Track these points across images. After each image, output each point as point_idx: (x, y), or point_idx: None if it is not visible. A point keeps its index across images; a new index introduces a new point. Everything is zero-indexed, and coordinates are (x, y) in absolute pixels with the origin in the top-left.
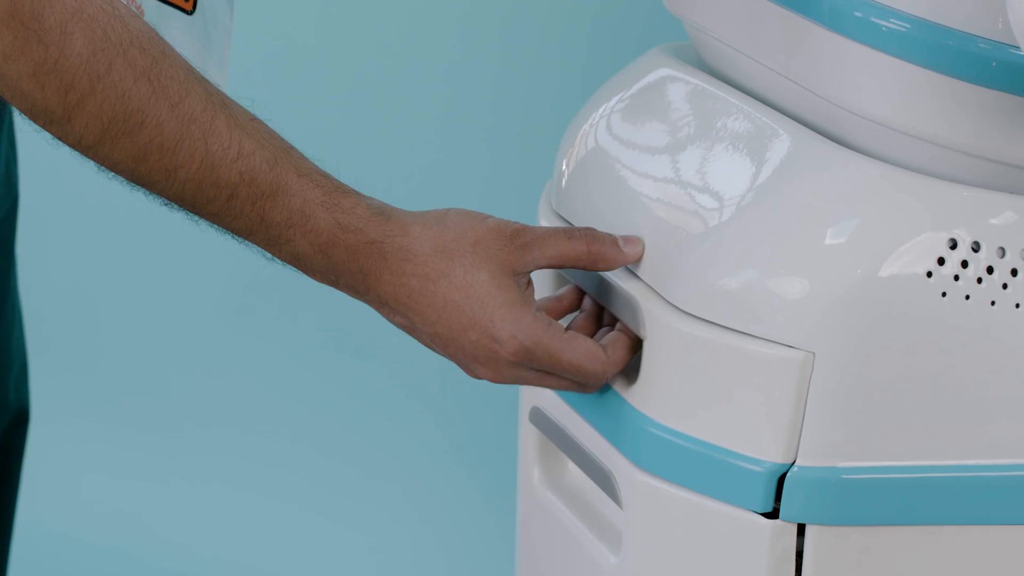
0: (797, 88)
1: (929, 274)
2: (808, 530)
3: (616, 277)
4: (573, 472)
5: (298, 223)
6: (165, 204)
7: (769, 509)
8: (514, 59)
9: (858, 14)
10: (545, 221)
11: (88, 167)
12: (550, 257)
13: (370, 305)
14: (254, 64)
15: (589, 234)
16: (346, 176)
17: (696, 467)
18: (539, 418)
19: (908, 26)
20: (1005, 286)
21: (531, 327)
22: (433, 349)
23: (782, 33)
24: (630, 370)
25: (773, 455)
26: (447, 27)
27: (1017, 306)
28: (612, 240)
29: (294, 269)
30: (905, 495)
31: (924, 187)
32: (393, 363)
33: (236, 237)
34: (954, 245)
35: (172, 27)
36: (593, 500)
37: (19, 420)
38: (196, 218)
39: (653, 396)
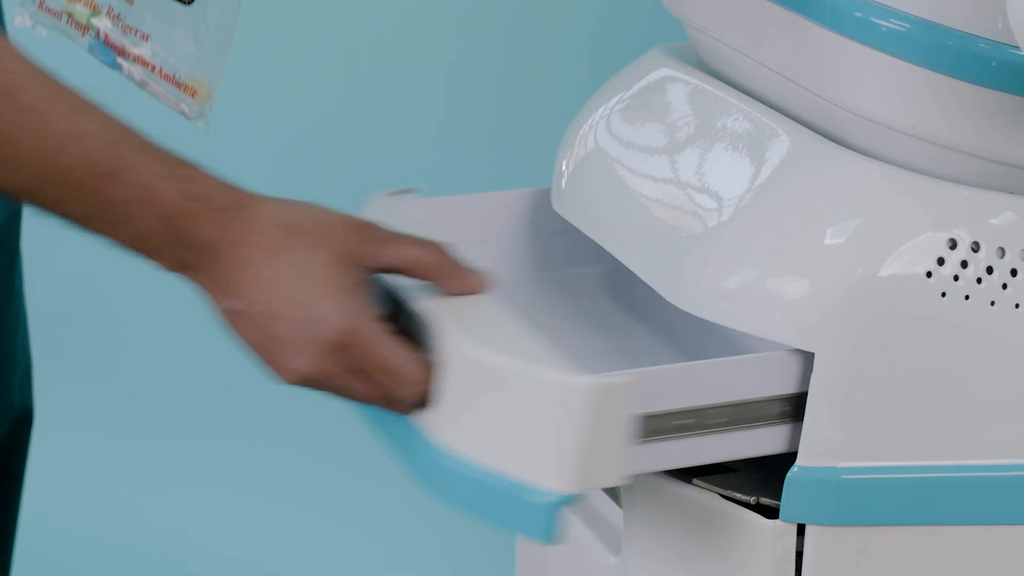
0: (797, 88)
1: (929, 274)
2: (808, 530)
3: (413, 297)
4: None
5: (141, 199)
6: (5, 199)
7: (550, 540)
8: (514, 59)
9: (858, 14)
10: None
11: None
12: (396, 258)
13: (208, 290)
14: (254, 64)
15: (440, 246)
16: (346, 176)
17: (479, 495)
18: None
19: (908, 26)
20: (1005, 286)
21: (358, 314)
22: (253, 343)
23: (782, 33)
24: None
25: (560, 485)
26: (447, 27)
27: (1017, 306)
28: (459, 267)
29: (138, 256)
30: (905, 495)
31: (924, 187)
32: None
33: (79, 226)
34: (954, 245)
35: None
36: (593, 500)
37: (23, 421)
38: (40, 211)
39: (442, 419)
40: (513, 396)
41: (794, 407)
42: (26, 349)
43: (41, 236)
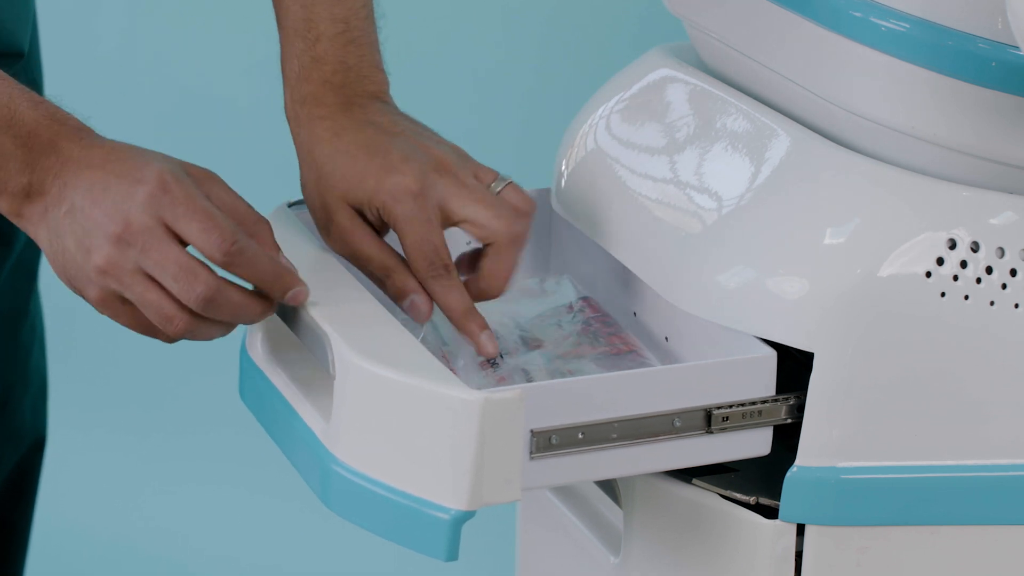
0: (797, 88)
1: (928, 274)
2: (808, 530)
3: (316, 311)
4: None
5: (3, 119)
6: None
7: (453, 558)
8: (513, 60)
9: (857, 14)
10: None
11: None
12: (225, 200)
13: (44, 213)
14: (254, 64)
15: (259, 214)
16: None
17: (379, 512)
18: None
19: (907, 26)
20: (1004, 286)
21: (179, 174)
22: (73, 247)
23: (782, 33)
24: (326, 411)
25: (456, 502)
26: (446, 28)
27: (1016, 306)
28: (271, 237)
29: None
30: (905, 495)
31: (923, 187)
32: None
33: None
34: (953, 245)
35: None
36: (593, 500)
37: (36, 446)
38: None
39: (339, 435)
40: (408, 412)
41: (795, 407)
42: (41, 371)
43: None
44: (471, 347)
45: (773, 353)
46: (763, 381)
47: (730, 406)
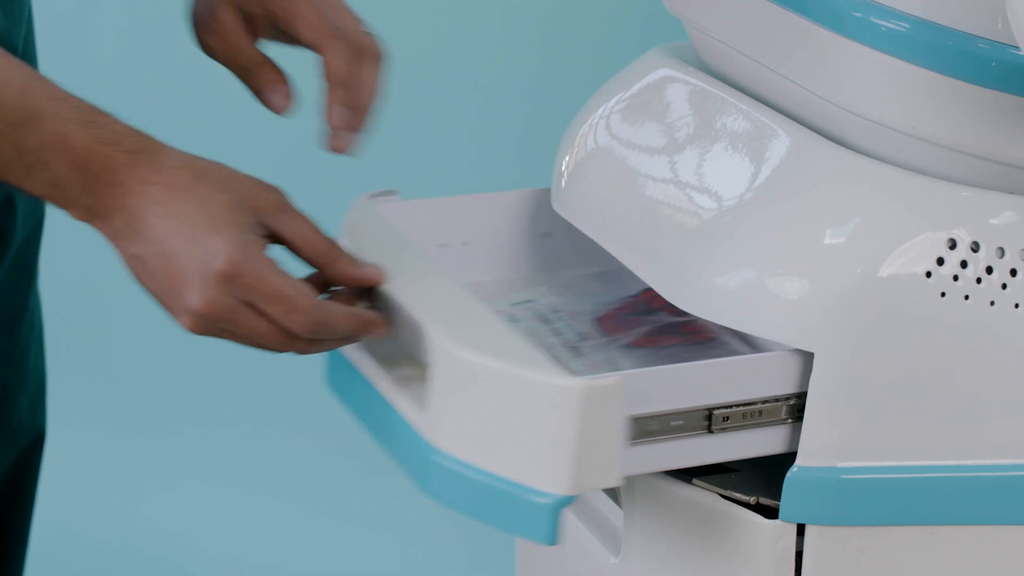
0: (797, 88)
1: (928, 274)
2: (808, 530)
3: (408, 301)
4: None
5: (54, 144)
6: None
7: (553, 542)
8: (514, 60)
9: (857, 14)
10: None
11: None
12: (291, 229)
13: (114, 237)
14: None
15: (331, 238)
16: (345, 177)
17: (480, 498)
18: None
19: (907, 26)
20: (1004, 286)
21: (248, 246)
22: (155, 289)
23: (782, 33)
24: (420, 398)
25: (557, 487)
26: (446, 28)
27: (1016, 306)
28: (350, 257)
29: (50, 206)
30: (905, 495)
31: (923, 187)
32: None
33: None
34: (953, 245)
35: None
36: (593, 500)
37: (35, 443)
38: None
39: (438, 423)
40: (507, 399)
41: (795, 407)
42: (40, 369)
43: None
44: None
45: (774, 354)
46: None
47: (729, 406)
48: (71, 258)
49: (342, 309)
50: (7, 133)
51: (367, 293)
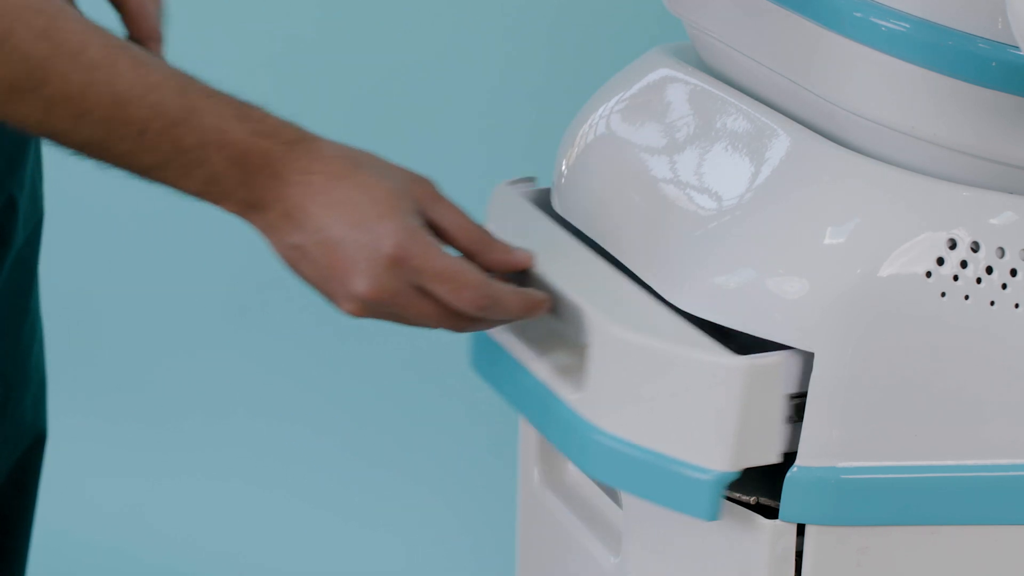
0: (797, 88)
1: (928, 274)
2: (808, 530)
3: (562, 282)
4: (573, 472)
5: (213, 140)
6: (74, 154)
7: (715, 517)
8: (514, 60)
9: (858, 14)
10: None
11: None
12: (445, 217)
13: (271, 229)
14: (257, 64)
15: (482, 226)
16: None
17: (641, 475)
18: None
19: (908, 26)
20: (1004, 286)
21: (414, 231)
22: (315, 277)
23: (782, 33)
24: (577, 378)
25: (716, 463)
26: (447, 28)
27: (1016, 306)
28: (502, 243)
29: (205, 203)
30: (905, 495)
31: (923, 187)
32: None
33: (147, 176)
34: (953, 245)
35: None
36: (593, 500)
37: (37, 440)
38: (108, 165)
39: (598, 403)
40: (668, 378)
41: (795, 407)
42: (41, 369)
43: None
44: None
45: (774, 353)
46: None
47: None
48: (68, 256)
49: (510, 287)
50: (166, 132)
51: (517, 278)
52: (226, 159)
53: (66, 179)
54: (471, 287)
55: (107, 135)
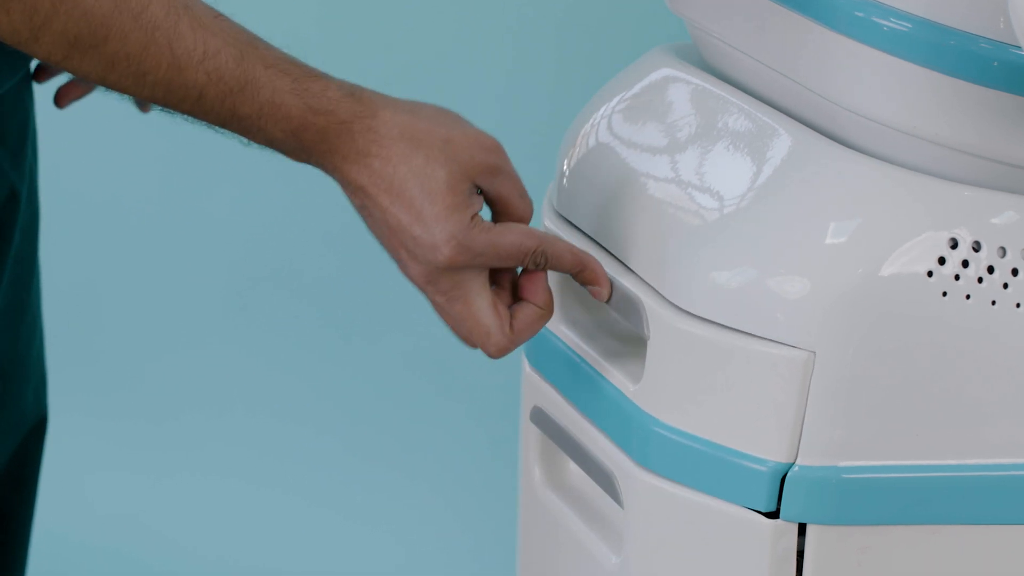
0: (798, 88)
1: (930, 274)
2: (809, 530)
3: (618, 275)
4: (574, 472)
5: (269, 113)
6: (139, 104)
7: (772, 508)
8: (515, 60)
9: (859, 14)
10: (548, 222)
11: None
12: (502, 190)
13: (339, 183)
14: None
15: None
16: None
17: (700, 466)
18: (540, 418)
19: (909, 26)
20: (1006, 286)
21: (467, 232)
22: (380, 237)
23: (783, 33)
24: (634, 369)
25: (776, 454)
26: (448, 29)
27: (1018, 306)
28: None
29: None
30: (905, 495)
31: (925, 187)
32: (389, 368)
33: (212, 127)
34: (955, 245)
35: None
36: (594, 500)
37: (37, 430)
38: (172, 113)
39: (657, 395)
40: (728, 369)
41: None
42: (41, 359)
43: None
44: None
45: (775, 354)
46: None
47: None
48: (67, 252)
49: (566, 244)
50: (223, 99)
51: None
52: (282, 131)
53: (66, 174)
54: (488, 340)
55: (167, 95)
